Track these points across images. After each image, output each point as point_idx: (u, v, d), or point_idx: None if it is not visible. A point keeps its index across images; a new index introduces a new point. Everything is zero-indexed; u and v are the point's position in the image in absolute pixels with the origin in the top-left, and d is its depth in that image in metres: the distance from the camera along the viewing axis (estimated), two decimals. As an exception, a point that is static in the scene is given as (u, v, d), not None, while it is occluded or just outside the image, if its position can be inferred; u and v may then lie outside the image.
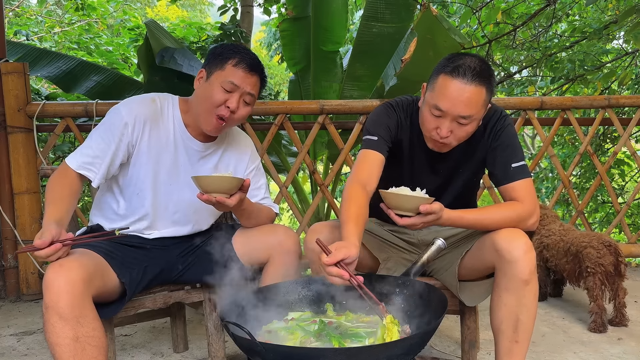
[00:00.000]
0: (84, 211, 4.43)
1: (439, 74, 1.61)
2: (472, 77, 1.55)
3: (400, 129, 1.80)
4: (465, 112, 1.58)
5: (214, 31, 5.85)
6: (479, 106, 1.59)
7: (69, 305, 1.37)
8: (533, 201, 1.67)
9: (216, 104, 1.69)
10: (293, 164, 3.39)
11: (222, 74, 1.69)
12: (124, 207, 1.78)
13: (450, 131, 1.62)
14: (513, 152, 1.71)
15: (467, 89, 1.56)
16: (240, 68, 1.69)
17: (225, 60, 1.70)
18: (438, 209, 1.53)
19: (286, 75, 13.00)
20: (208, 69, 1.73)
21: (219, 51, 1.74)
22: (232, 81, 1.68)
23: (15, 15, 8.46)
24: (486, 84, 1.58)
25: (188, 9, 15.27)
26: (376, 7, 3.68)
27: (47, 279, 1.39)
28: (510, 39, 5.61)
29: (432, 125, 1.64)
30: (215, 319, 1.93)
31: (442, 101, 1.58)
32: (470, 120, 1.60)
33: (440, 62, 1.63)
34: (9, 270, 3.06)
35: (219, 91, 1.69)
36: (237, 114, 1.72)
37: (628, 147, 3.42)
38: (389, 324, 1.30)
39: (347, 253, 1.36)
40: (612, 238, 2.48)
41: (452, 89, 1.57)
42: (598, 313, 2.37)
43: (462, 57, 1.60)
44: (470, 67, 1.56)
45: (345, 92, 3.96)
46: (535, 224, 1.67)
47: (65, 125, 3.04)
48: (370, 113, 1.86)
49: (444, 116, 1.60)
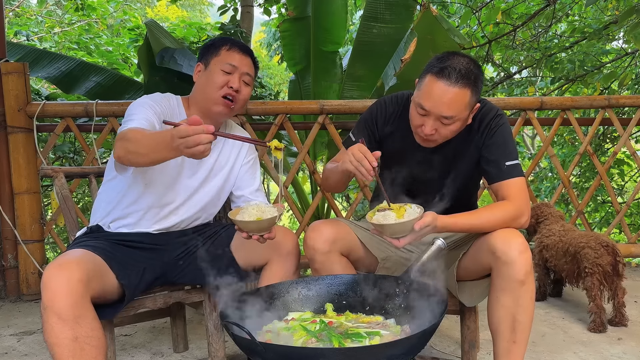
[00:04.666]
0: (84, 211, 4.43)
1: (426, 74, 1.63)
2: (457, 79, 1.57)
3: (389, 122, 1.83)
4: (447, 112, 1.60)
5: (214, 31, 5.86)
6: (462, 107, 1.61)
7: (68, 305, 1.38)
8: (524, 200, 1.68)
9: (219, 86, 1.78)
10: (293, 164, 3.39)
11: (219, 59, 1.81)
12: (130, 201, 1.79)
13: (435, 129, 1.64)
14: (507, 151, 1.72)
15: (450, 91, 1.58)
16: (234, 51, 1.82)
17: (219, 47, 1.83)
18: (431, 220, 1.53)
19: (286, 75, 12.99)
20: (204, 60, 1.84)
21: (209, 43, 1.87)
22: (230, 62, 1.79)
23: (15, 15, 8.46)
24: (471, 85, 1.60)
25: (188, 9, 15.27)
26: (376, 8, 3.69)
27: (45, 280, 1.39)
28: (510, 39, 5.60)
29: (417, 122, 1.67)
30: (215, 319, 1.93)
31: (425, 101, 1.61)
32: (453, 120, 1.62)
33: (431, 61, 1.65)
34: (9, 270, 3.06)
35: (220, 74, 1.79)
36: (240, 94, 1.82)
37: (628, 147, 3.42)
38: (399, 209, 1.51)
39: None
40: (611, 238, 2.49)
41: (435, 89, 1.59)
42: (597, 313, 2.37)
43: (451, 57, 1.62)
44: (456, 69, 1.58)
45: (345, 92, 3.96)
46: (527, 223, 1.68)
47: (66, 125, 3.05)
48: None
49: (427, 115, 1.63)
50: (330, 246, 1.73)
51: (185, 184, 1.84)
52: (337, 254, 1.76)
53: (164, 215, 1.82)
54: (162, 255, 1.81)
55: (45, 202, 3.87)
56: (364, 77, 3.91)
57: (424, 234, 1.55)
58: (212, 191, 1.90)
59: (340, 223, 1.81)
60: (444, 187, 1.83)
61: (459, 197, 1.85)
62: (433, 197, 1.78)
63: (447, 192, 1.84)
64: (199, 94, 1.84)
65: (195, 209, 1.88)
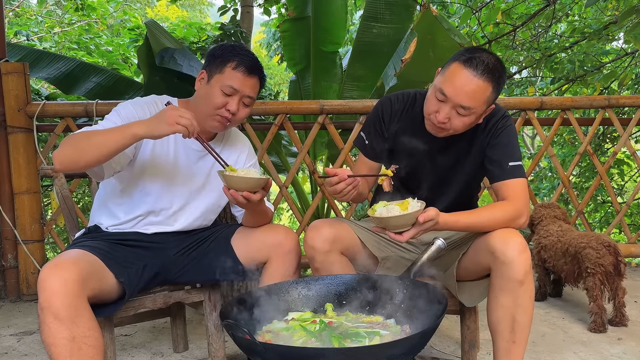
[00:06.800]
0: (84, 211, 4.43)
1: (453, 61, 1.63)
2: (482, 72, 1.58)
3: (395, 119, 1.84)
4: (466, 102, 1.60)
5: (214, 31, 5.85)
6: (481, 101, 1.61)
7: (64, 305, 1.38)
8: (524, 201, 1.68)
9: (217, 107, 1.72)
10: (293, 164, 3.39)
11: (222, 77, 1.71)
12: (126, 205, 1.79)
13: (449, 118, 1.64)
14: (511, 151, 1.72)
15: (474, 81, 1.58)
16: (239, 71, 1.71)
17: (225, 63, 1.72)
18: (434, 214, 1.54)
19: (286, 75, 12.99)
20: (208, 70, 1.75)
21: (218, 53, 1.75)
22: (232, 85, 1.70)
23: (15, 15, 8.46)
24: (494, 82, 1.60)
25: (188, 9, 15.27)
26: (376, 8, 3.69)
27: (42, 280, 1.40)
28: (510, 39, 5.60)
29: (433, 107, 1.66)
30: (215, 319, 1.93)
31: (447, 86, 1.61)
32: (469, 112, 1.62)
33: (459, 51, 1.67)
34: (9, 270, 3.06)
35: (219, 95, 1.71)
36: (237, 115, 1.75)
37: (628, 147, 3.42)
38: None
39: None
40: (611, 238, 2.48)
41: (460, 77, 1.59)
42: (598, 313, 2.37)
43: (480, 51, 1.63)
44: (484, 62, 1.59)
45: (345, 92, 3.96)
46: (525, 223, 1.69)
47: (65, 125, 3.05)
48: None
49: (445, 101, 1.62)
50: (331, 246, 1.73)
51: (181, 189, 1.82)
52: (337, 254, 1.76)
53: (160, 220, 1.81)
54: (162, 253, 1.80)
55: (45, 202, 3.87)
56: (364, 77, 3.91)
57: (427, 228, 1.55)
58: (211, 197, 1.87)
59: (340, 222, 1.81)
60: (447, 186, 1.83)
61: (460, 196, 1.85)
62: (436, 195, 1.79)
63: (450, 191, 1.84)
64: (197, 104, 1.77)
65: (193, 215, 1.86)
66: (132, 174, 1.77)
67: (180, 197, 1.82)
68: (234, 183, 1.59)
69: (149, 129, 1.53)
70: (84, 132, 1.60)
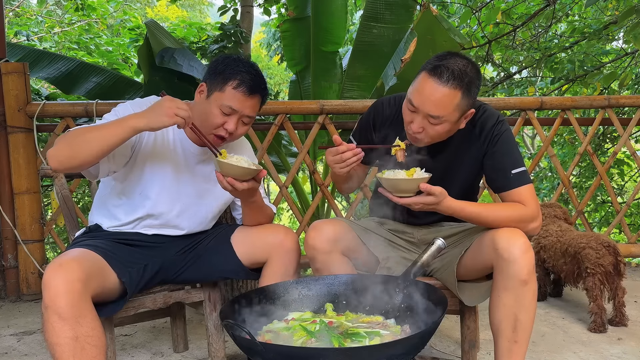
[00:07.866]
0: (84, 211, 4.43)
1: (422, 70, 1.63)
2: (447, 79, 1.56)
3: (386, 124, 1.84)
4: (434, 111, 1.58)
5: (214, 31, 5.86)
6: (450, 109, 1.59)
7: (68, 305, 1.38)
8: (536, 206, 1.67)
9: (214, 127, 1.68)
10: (293, 164, 3.39)
11: (222, 96, 1.66)
12: (126, 207, 1.78)
13: (422, 128, 1.63)
14: (512, 158, 1.70)
15: (439, 90, 1.56)
16: (240, 91, 1.66)
17: (226, 82, 1.66)
18: (439, 192, 1.55)
19: (286, 75, 12.99)
20: (209, 84, 1.70)
21: (220, 68, 1.69)
22: (231, 106, 1.66)
23: (15, 15, 8.46)
24: (462, 88, 1.57)
25: (188, 9, 15.27)
26: (376, 8, 3.69)
27: (46, 279, 1.40)
28: (510, 39, 5.61)
29: (407, 118, 1.67)
30: (215, 319, 1.93)
31: (415, 97, 1.61)
32: (440, 120, 1.60)
33: (430, 59, 1.65)
34: (9, 270, 3.06)
35: (218, 114, 1.67)
36: (234, 134, 1.72)
37: (628, 147, 3.42)
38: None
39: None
40: (611, 238, 2.48)
41: (426, 87, 1.58)
42: (598, 313, 2.37)
43: (448, 57, 1.60)
44: (449, 69, 1.56)
45: (345, 92, 3.97)
46: (538, 229, 1.67)
47: (65, 125, 3.04)
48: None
49: (416, 112, 1.62)
50: (331, 246, 1.73)
51: (181, 193, 1.80)
52: (338, 254, 1.76)
53: (160, 223, 1.80)
54: (163, 253, 1.80)
55: (45, 202, 3.87)
56: (364, 77, 3.92)
57: (427, 202, 1.56)
58: (211, 202, 1.86)
59: (341, 222, 1.81)
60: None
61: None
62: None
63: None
64: (195, 116, 1.67)
65: (193, 220, 1.85)
66: (131, 176, 1.76)
67: (179, 202, 1.80)
68: (225, 169, 1.58)
69: (148, 121, 1.51)
70: (79, 129, 1.58)
